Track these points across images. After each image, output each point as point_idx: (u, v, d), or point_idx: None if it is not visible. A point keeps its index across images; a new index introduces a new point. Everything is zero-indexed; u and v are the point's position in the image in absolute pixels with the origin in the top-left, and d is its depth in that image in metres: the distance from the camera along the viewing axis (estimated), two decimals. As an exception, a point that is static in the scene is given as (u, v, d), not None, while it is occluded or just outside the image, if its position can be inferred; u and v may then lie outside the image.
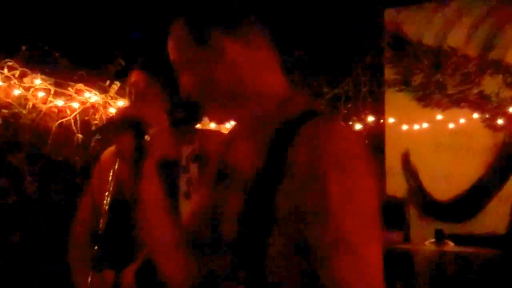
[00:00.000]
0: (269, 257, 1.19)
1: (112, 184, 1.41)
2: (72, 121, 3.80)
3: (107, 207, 1.40)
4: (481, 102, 5.27)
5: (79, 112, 3.82)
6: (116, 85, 3.94)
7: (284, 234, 1.18)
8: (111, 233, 1.40)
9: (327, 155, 1.15)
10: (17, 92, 3.61)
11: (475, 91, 5.34)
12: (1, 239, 3.67)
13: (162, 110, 1.36)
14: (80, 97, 3.83)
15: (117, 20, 4.27)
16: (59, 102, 3.75)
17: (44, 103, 3.70)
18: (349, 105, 5.53)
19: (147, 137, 1.30)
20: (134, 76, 2.11)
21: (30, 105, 3.66)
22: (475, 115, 5.25)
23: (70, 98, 3.79)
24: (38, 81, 3.64)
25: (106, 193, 1.40)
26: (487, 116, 5.20)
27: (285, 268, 1.19)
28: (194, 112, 1.39)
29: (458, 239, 4.31)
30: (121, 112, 1.39)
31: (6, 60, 3.55)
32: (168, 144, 2.06)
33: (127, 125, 1.30)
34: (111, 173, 1.42)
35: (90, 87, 3.86)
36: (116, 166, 1.41)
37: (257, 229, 1.20)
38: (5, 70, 3.55)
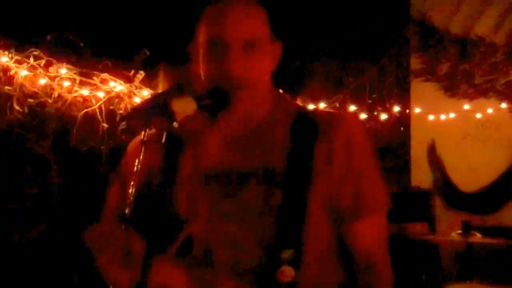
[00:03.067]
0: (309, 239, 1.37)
1: (137, 174, 1.40)
2: (97, 110, 3.83)
3: (132, 197, 1.38)
4: (509, 92, 5.19)
5: (104, 102, 3.85)
6: (141, 74, 3.96)
7: (321, 212, 1.38)
8: (142, 219, 1.40)
9: (356, 145, 1.40)
10: (42, 81, 3.66)
11: (503, 80, 5.25)
12: (27, 228, 3.71)
13: (188, 98, 1.36)
14: (105, 87, 3.86)
15: (142, 9, 4.27)
16: (84, 92, 3.79)
17: (70, 92, 3.74)
18: (374, 95, 5.48)
19: (175, 124, 1.30)
20: (163, 71, 2.10)
21: (56, 95, 3.70)
22: (503, 105, 5.17)
23: (95, 87, 3.82)
24: (63, 70, 3.68)
25: (132, 183, 1.38)
26: (515, 106, 5.13)
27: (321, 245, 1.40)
28: (221, 99, 1.39)
29: (485, 231, 4.25)
30: (149, 99, 1.40)
31: (32, 49, 3.60)
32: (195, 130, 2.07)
33: (155, 111, 1.31)
34: (136, 162, 1.40)
35: (115, 77, 3.88)
36: (141, 155, 1.39)
37: (298, 214, 1.35)
38: (31, 60, 3.60)
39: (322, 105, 4.99)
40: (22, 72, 3.58)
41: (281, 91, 1.55)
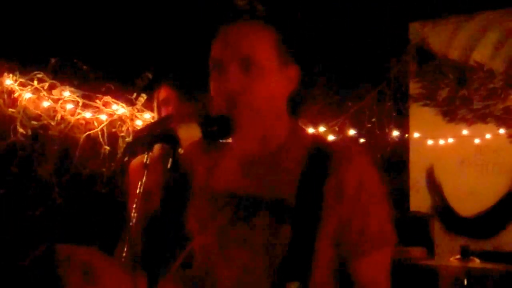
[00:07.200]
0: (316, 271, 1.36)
1: (140, 196, 1.41)
2: (99, 133, 3.85)
3: (134, 220, 1.39)
4: (507, 117, 5.21)
5: (106, 124, 3.87)
6: (143, 97, 3.98)
7: (329, 246, 1.38)
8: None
9: (367, 181, 1.40)
10: (46, 104, 3.70)
11: (501, 106, 5.28)
12: (29, 250, 3.70)
13: (194, 124, 1.38)
14: (108, 110, 3.89)
15: (144, 33, 4.31)
16: (87, 114, 3.82)
17: (72, 115, 3.77)
18: (373, 120, 5.50)
19: (180, 150, 1.31)
20: (164, 93, 2.11)
21: (59, 117, 3.73)
22: (501, 131, 5.20)
23: (97, 110, 3.85)
24: (66, 93, 3.72)
25: (134, 205, 1.38)
26: (513, 131, 5.15)
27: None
28: (226, 126, 1.40)
29: (484, 256, 4.25)
30: (154, 125, 1.41)
31: (36, 72, 3.64)
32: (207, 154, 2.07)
33: (161, 138, 1.33)
34: (139, 185, 1.40)
35: (117, 100, 3.91)
36: (144, 178, 1.40)
37: (308, 242, 1.36)
38: (35, 82, 3.64)
39: (321, 129, 5.01)
40: (26, 95, 3.62)
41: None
